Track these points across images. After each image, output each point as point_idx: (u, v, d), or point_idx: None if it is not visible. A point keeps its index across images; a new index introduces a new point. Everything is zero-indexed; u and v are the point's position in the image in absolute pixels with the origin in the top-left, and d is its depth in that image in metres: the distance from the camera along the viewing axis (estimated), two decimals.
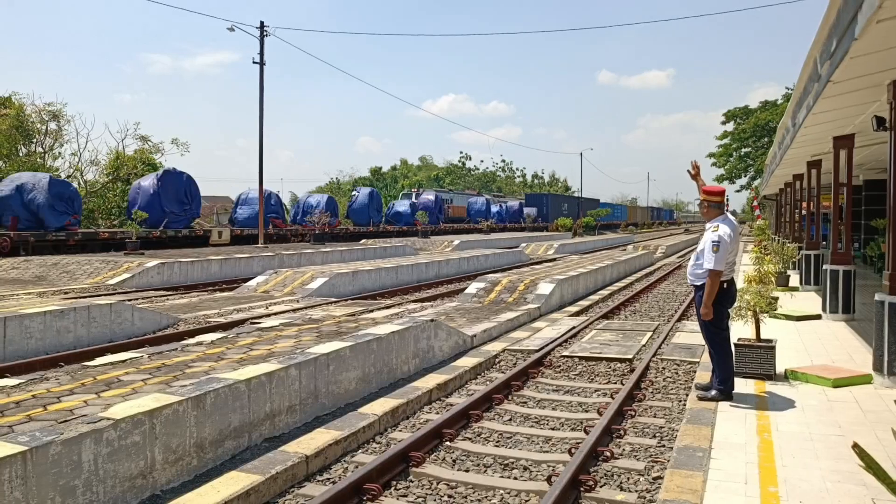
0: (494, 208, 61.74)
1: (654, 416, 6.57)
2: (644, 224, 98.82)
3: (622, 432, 6.03)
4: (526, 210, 65.72)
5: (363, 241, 34.23)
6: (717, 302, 6.04)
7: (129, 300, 13.13)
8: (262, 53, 28.84)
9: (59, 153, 42.28)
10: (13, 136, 44.86)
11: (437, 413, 6.72)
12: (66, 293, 14.92)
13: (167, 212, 27.82)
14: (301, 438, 5.54)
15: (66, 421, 4.32)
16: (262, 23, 28.75)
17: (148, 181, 28.67)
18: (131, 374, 5.83)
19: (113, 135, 61.13)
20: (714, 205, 6.26)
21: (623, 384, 7.64)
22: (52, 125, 47.60)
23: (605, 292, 17.08)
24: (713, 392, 6.18)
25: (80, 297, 13.45)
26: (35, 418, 4.46)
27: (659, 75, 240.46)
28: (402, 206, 47.56)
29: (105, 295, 14.73)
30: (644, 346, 9.68)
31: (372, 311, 12.72)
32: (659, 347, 9.47)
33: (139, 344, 9.49)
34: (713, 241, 5.91)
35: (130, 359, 6.54)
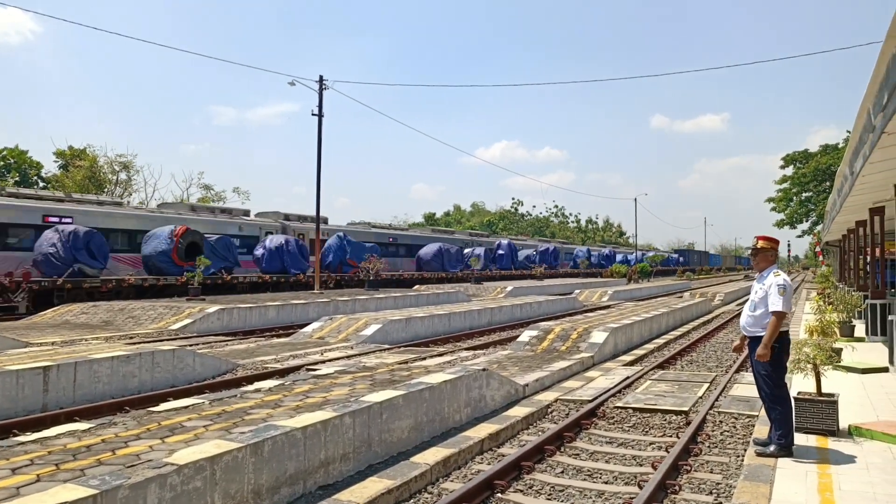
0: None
1: (711, 472, 6.43)
2: (702, 269, 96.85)
3: (677, 488, 5.92)
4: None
5: (416, 286, 34.52)
6: (776, 351, 5.98)
7: (191, 346, 13.55)
8: (320, 106, 29.87)
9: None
10: (86, 185, 47.27)
11: (489, 463, 6.72)
12: (131, 338, 15.49)
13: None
14: (354, 487, 5.63)
15: (132, 465, 4.52)
16: (321, 77, 29.86)
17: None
18: (193, 419, 6.04)
19: (178, 184, 63.83)
20: (773, 254, 6.36)
21: (678, 437, 7.50)
22: (123, 175, 50.01)
23: (660, 341, 16.79)
24: (772, 447, 6.03)
25: (145, 343, 13.96)
26: (104, 462, 4.68)
27: (714, 119, 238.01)
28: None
29: (168, 340, 15.24)
30: (701, 398, 9.48)
31: (424, 358, 12.81)
32: (716, 400, 9.25)
33: (200, 390, 9.79)
34: (779, 285, 6.00)
35: (193, 405, 6.77)
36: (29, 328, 16.79)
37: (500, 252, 52.23)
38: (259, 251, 31.69)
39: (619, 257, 75.40)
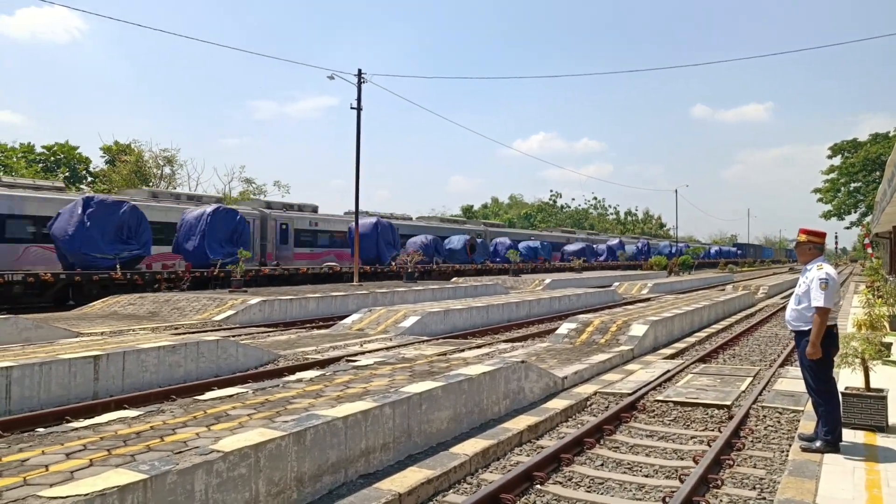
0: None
1: (754, 467, 6.34)
2: (745, 262, 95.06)
3: (719, 482, 5.85)
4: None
5: (454, 279, 34.57)
6: (823, 345, 5.85)
7: (234, 336, 13.82)
8: (359, 99, 30.07)
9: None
10: (132, 179, 48.43)
11: (528, 455, 6.73)
12: (176, 329, 15.86)
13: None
14: (394, 476, 5.70)
15: (180, 452, 4.64)
16: (359, 71, 30.05)
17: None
18: (238, 408, 6.17)
19: (220, 177, 65.08)
20: (816, 246, 6.20)
21: (721, 432, 7.40)
22: (167, 169, 51.07)
23: (701, 334, 16.54)
24: (818, 443, 5.92)
25: (190, 333, 14.27)
26: (153, 448, 4.82)
27: (757, 108, 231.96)
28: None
29: (212, 331, 15.56)
30: (743, 392, 9.33)
31: (463, 350, 12.84)
32: (760, 394, 9.11)
33: (243, 379, 9.99)
34: (821, 279, 5.83)
35: (237, 394, 6.91)
36: (79, 318, 17.31)
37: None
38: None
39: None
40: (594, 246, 62.66)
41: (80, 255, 22.44)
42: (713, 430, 7.63)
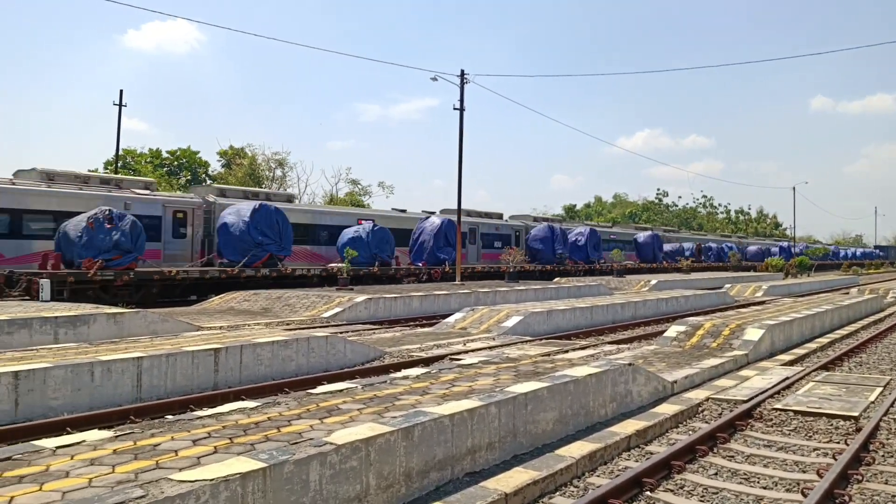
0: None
1: (886, 483, 5.91)
2: (870, 264, 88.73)
3: (846, 498, 5.49)
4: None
5: (556, 279, 34.19)
6: None
7: (341, 333, 14.25)
8: (461, 100, 30.31)
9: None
10: (246, 181, 50.93)
11: (636, 461, 6.56)
12: (287, 324, 16.54)
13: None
14: (500, 476, 5.70)
15: (296, 443, 4.84)
16: (462, 71, 30.30)
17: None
18: (348, 402, 6.37)
19: (328, 179, 67.24)
20: None
21: (847, 444, 6.94)
22: (279, 172, 53.35)
23: (823, 340, 15.58)
24: None
25: (300, 329, 14.85)
26: (271, 438, 5.05)
27: (885, 99, 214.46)
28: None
29: (320, 327, 16.12)
30: (872, 402, 8.71)
31: (567, 351, 12.67)
32: (892, 405, 8.47)
33: (351, 375, 10.30)
34: None
35: (346, 389, 7.13)
36: (200, 313, 18.38)
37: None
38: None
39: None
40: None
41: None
42: (838, 443, 7.17)
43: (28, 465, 4.40)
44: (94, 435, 5.22)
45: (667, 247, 56.86)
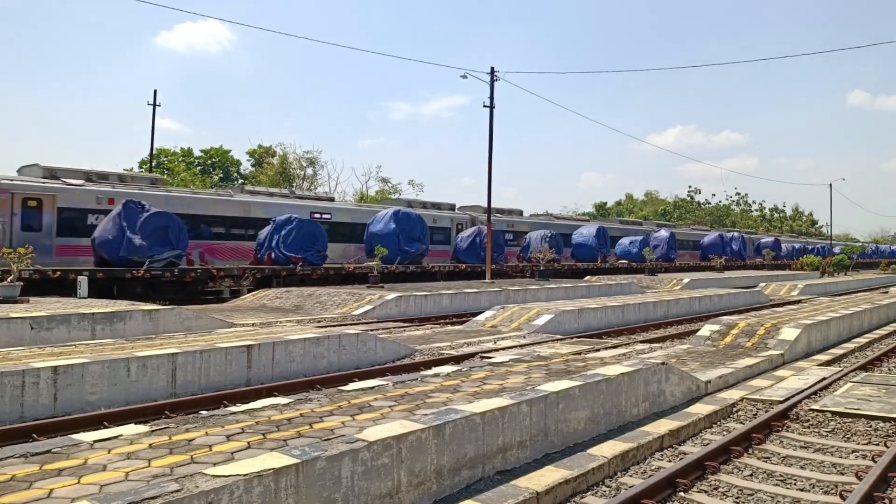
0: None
1: None
2: None
3: (887, 502, 5.36)
4: None
5: (587, 277, 33.95)
6: None
7: (372, 330, 14.32)
8: (491, 97, 30.21)
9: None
10: (277, 180, 51.47)
11: (670, 461, 6.48)
12: (318, 322, 16.67)
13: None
14: (531, 474, 5.67)
15: (328, 439, 4.87)
16: (492, 69, 30.18)
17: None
18: (379, 400, 6.39)
19: (358, 177, 67.69)
20: None
21: (887, 447, 6.78)
22: (309, 170, 53.79)
23: (861, 340, 15.24)
24: None
25: (331, 326, 14.95)
26: (303, 434, 5.08)
27: None
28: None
29: (351, 325, 16.22)
30: None
31: (598, 350, 12.58)
32: None
33: (382, 372, 10.33)
34: None
35: (377, 386, 7.16)
36: (233, 310, 18.62)
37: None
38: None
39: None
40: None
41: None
42: (878, 445, 7.00)
43: (67, 458, 4.50)
44: (130, 429, 5.31)
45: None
